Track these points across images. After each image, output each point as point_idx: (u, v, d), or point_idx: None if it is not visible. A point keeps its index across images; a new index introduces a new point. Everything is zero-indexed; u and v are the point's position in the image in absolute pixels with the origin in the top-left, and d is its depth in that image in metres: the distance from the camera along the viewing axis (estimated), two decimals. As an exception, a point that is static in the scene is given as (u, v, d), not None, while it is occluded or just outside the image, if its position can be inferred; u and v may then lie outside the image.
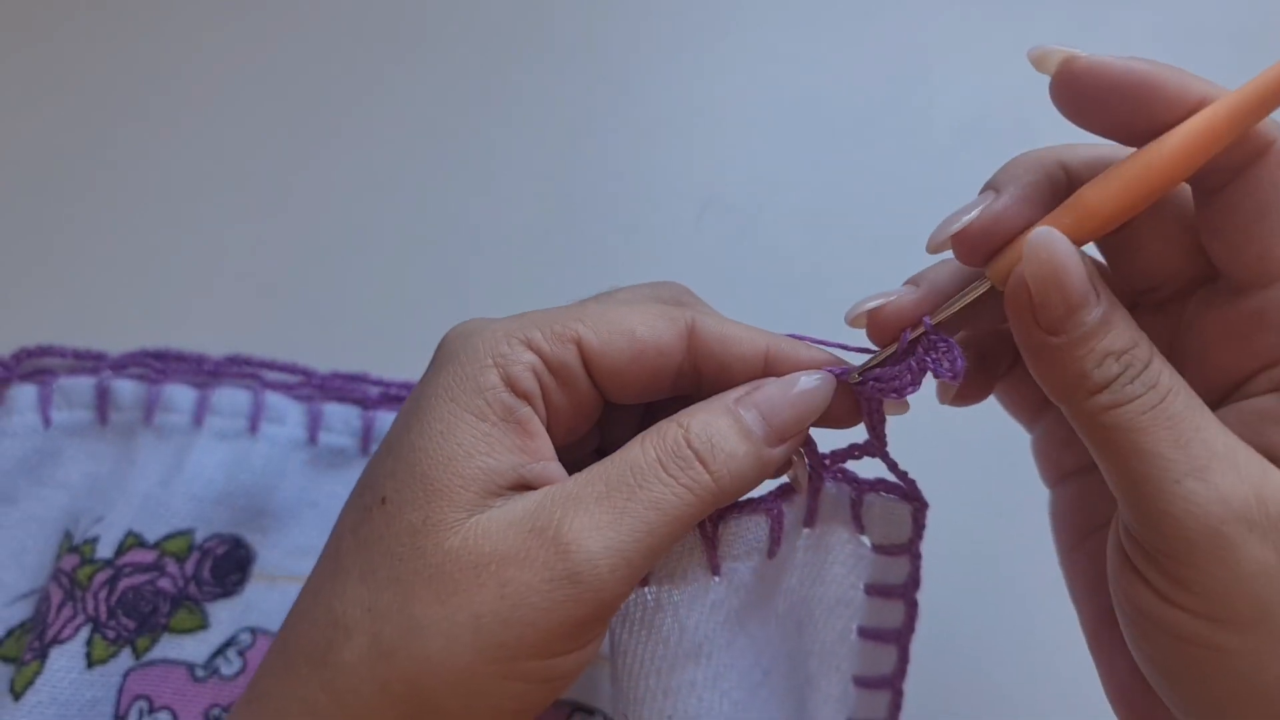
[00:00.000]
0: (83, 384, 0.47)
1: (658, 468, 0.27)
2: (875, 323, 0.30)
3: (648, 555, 0.27)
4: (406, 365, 0.48)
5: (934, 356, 0.29)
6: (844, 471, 0.34)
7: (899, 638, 0.36)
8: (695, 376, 0.31)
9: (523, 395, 0.28)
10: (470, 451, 0.27)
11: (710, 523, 0.31)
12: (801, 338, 0.31)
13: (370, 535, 0.27)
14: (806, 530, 0.34)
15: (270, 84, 0.58)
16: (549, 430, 0.29)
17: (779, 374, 0.30)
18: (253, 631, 0.43)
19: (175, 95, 0.58)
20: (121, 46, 0.59)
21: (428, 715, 0.26)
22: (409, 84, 0.59)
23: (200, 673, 0.42)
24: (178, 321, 0.51)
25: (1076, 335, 0.26)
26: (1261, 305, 0.27)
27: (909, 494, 0.35)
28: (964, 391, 0.33)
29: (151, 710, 0.41)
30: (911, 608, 0.36)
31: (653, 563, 0.28)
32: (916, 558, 0.35)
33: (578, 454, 0.34)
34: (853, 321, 0.30)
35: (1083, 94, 0.27)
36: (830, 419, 0.31)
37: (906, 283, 0.31)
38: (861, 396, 0.31)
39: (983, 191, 0.29)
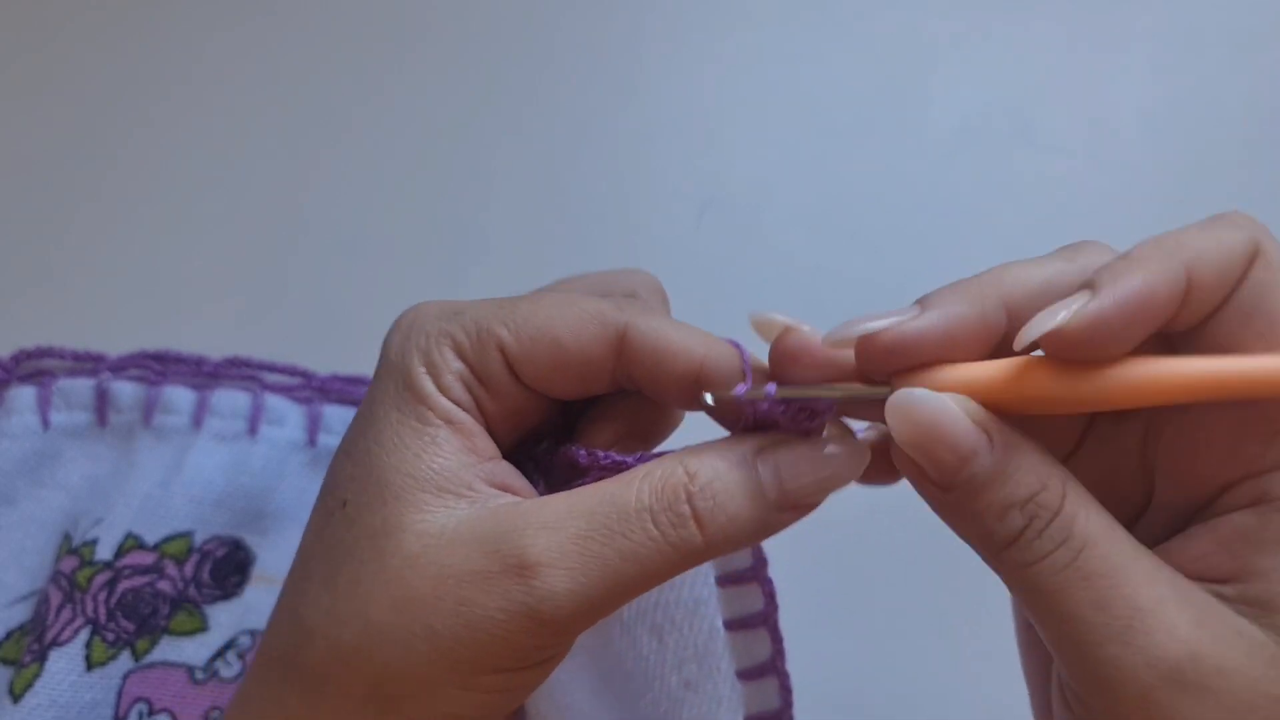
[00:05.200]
0: (82, 385, 0.47)
1: (646, 518, 0.25)
2: (787, 352, 0.26)
3: (613, 601, 0.25)
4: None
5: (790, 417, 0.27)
6: None
7: (765, 619, 0.35)
8: (632, 380, 0.29)
9: (456, 401, 0.28)
10: (419, 453, 0.27)
11: None
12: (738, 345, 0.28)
13: (333, 539, 0.27)
14: None
15: (270, 85, 0.58)
16: (492, 431, 0.29)
17: (709, 388, 0.27)
18: (252, 634, 0.43)
19: (175, 97, 0.58)
20: (122, 49, 0.59)
21: (390, 717, 0.26)
22: (409, 85, 0.59)
23: (200, 675, 0.42)
24: (177, 323, 0.51)
25: (970, 490, 0.24)
26: (1246, 410, 0.24)
27: None
28: (872, 472, 0.29)
29: (151, 713, 0.41)
30: (767, 586, 0.35)
31: (618, 607, 0.26)
32: (757, 545, 0.34)
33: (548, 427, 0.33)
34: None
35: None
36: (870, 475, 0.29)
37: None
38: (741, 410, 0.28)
39: (914, 304, 0.26)
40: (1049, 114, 0.59)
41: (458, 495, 0.26)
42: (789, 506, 0.27)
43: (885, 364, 0.25)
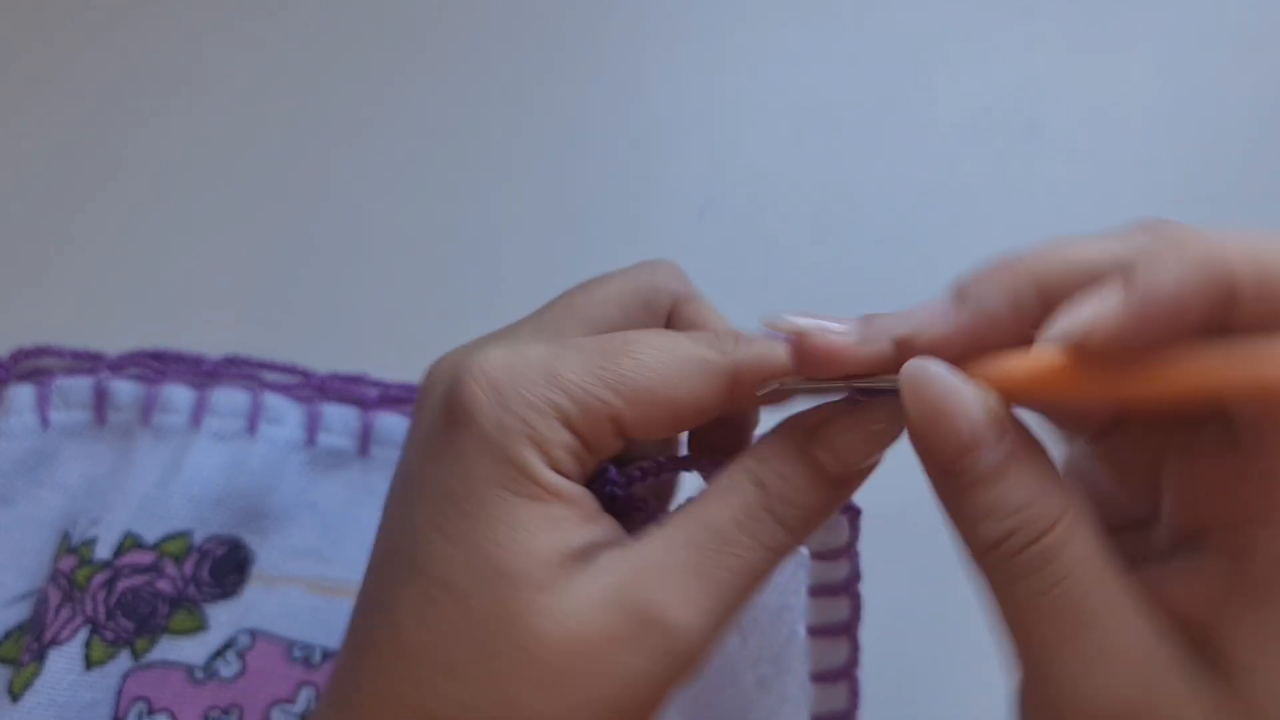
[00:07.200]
0: (80, 384, 0.47)
1: (738, 533, 0.27)
2: (809, 352, 0.26)
3: (736, 615, 0.27)
4: (405, 366, 0.48)
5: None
6: None
7: (848, 629, 0.37)
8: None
9: (565, 474, 0.27)
10: (534, 534, 0.26)
11: None
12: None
13: (446, 626, 0.26)
14: None
15: (269, 84, 0.58)
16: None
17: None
18: (252, 633, 0.43)
19: (173, 95, 0.58)
20: (122, 48, 0.59)
21: None
22: (409, 83, 0.59)
23: (199, 674, 0.42)
24: (176, 321, 0.51)
25: (963, 481, 0.24)
26: (1249, 450, 0.24)
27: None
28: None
29: (150, 712, 0.41)
30: (855, 599, 0.36)
31: (739, 615, 0.28)
32: (854, 556, 0.36)
33: None
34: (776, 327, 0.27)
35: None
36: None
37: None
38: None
39: (950, 292, 0.26)
40: (1053, 112, 0.59)
41: (576, 569, 0.26)
42: (851, 480, 0.28)
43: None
